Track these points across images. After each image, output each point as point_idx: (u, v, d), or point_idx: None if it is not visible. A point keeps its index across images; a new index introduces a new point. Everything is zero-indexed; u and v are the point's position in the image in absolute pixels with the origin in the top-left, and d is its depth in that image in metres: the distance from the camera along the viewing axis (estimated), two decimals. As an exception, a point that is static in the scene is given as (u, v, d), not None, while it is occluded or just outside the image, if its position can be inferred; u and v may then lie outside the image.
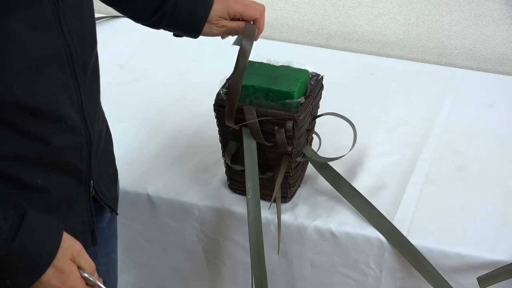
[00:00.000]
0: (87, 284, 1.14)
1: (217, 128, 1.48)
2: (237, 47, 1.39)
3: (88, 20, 1.17)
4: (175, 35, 1.44)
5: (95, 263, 1.31)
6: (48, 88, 1.08)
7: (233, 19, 1.40)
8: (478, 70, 2.06)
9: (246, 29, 1.38)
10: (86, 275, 1.13)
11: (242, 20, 1.40)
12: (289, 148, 1.43)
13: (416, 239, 1.43)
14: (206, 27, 1.39)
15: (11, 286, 1.06)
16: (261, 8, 1.41)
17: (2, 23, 1.00)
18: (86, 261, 1.13)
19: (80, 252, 1.12)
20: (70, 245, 1.11)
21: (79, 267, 1.12)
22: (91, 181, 1.21)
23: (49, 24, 1.06)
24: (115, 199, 1.34)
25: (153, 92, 1.86)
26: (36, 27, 1.05)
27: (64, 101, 1.11)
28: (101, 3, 1.37)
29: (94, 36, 1.19)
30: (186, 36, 1.42)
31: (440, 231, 1.45)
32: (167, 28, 1.40)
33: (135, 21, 1.41)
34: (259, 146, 1.43)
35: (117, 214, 1.33)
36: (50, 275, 1.08)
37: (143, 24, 1.41)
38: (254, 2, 1.41)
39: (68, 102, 1.12)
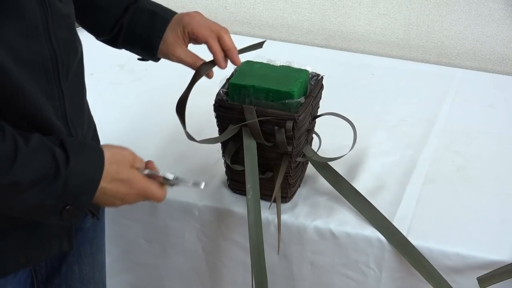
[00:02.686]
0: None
1: (217, 128, 1.48)
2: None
3: (75, 30, 1.18)
4: (139, 59, 1.41)
5: (79, 262, 1.32)
6: (33, 95, 1.08)
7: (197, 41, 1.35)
8: (478, 70, 2.06)
9: (199, 68, 1.35)
10: (147, 172, 1.18)
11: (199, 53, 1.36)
12: (289, 148, 1.43)
13: (416, 239, 1.43)
14: (164, 48, 1.35)
15: (73, 211, 1.08)
16: (217, 32, 1.34)
17: None
18: (139, 161, 1.18)
19: (133, 156, 1.16)
20: (122, 156, 1.14)
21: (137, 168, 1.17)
22: None
23: (38, 33, 1.07)
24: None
25: (153, 92, 1.86)
26: (28, 35, 1.06)
27: (47, 108, 1.11)
28: None
29: (79, 42, 1.20)
30: (146, 56, 1.39)
31: (440, 231, 1.45)
32: (125, 44, 1.38)
33: (96, 37, 1.40)
34: (259, 146, 1.43)
35: (98, 219, 1.31)
36: (118, 186, 1.12)
37: (103, 41, 1.40)
38: (215, 24, 1.36)
39: (51, 109, 1.12)
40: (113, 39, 1.37)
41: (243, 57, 1.50)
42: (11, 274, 1.20)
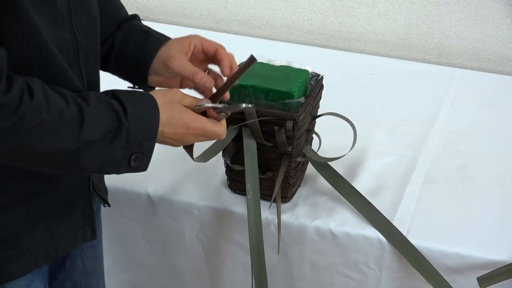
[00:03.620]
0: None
1: (217, 128, 1.48)
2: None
3: (94, 16, 1.19)
4: (130, 87, 1.37)
5: (81, 256, 1.33)
6: (71, 76, 1.11)
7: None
8: (478, 70, 2.06)
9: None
10: (196, 107, 1.19)
11: (204, 55, 1.31)
12: (289, 148, 1.43)
13: (416, 239, 1.43)
14: (163, 56, 1.30)
15: (140, 158, 1.11)
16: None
17: (30, 17, 1.03)
18: (188, 98, 1.19)
19: (182, 94, 1.18)
20: (172, 94, 1.17)
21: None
22: (91, 175, 1.24)
23: (63, 19, 1.10)
24: (106, 191, 1.36)
25: (153, 92, 1.86)
26: (55, 21, 1.09)
27: (80, 86, 1.14)
28: None
29: (98, 32, 1.22)
30: (136, 80, 1.35)
31: (440, 231, 1.45)
32: (116, 65, 1.35)
33: None
34: (259, 146, 1.43)
35: (109, 205, 1.35)
36: (174, 127, 1.15)
37: None
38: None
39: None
40: (104, 58, 1.35)
41: (244, 57, 1.51)
42: (42, 266, 1.22)
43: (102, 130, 1.07)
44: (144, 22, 1.41)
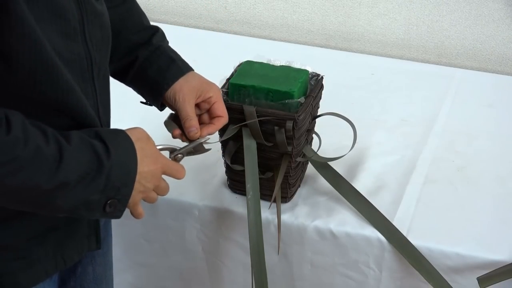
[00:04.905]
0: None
1: (217, 128, 1.48)
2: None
3: (107, 29, 1.18)
4: (142, 102, 1.40)
5: (92, 263, 1.32)
6: (79, 93, 1.10)
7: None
8: (478, 70, 2.06)
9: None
10: (160, 147, 1.22)
11: (207, 109, 1.33)
12: (289, 148, 1.43)
13: (416, 239, 1.43)
14: (171, 95, 1.32)
15: (115, 204, 1.09)
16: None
17: (39, 30, 1.02)
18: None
19: (146, 133, 1.17)
20: (139, 132, 1.16)
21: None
22: None
23: (76, 33, 1.09)
24: None
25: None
26: (67, 35, 1.07)
27: (88, 106, 1.12)
28: None
29: (110, 46, 1.21)
30: (150, 100, 1.37)
31: (440, 231, 1.45)
32: (134, 80, 1.35)
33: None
34: (259, 146, 1.43)
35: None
36: (148, 163, 1.13)
37: (112, 75, 1.35)
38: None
39: (91, 107, 1.13)
40: (123, 70, 1.35)
41: (244, 57, 1.51)
42: (53, 276, 1.22)
43: (80, 172, 1.04)
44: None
